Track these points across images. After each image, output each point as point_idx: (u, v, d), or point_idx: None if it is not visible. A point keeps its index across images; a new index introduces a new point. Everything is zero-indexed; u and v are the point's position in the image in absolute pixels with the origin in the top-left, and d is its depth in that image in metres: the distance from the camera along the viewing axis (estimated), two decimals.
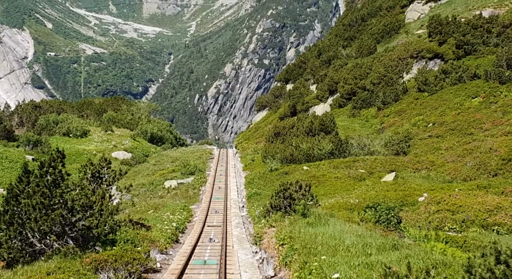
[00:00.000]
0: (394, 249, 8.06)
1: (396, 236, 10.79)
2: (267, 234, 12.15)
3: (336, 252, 8.03)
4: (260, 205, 21.05)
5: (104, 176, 14.22)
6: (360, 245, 8.25)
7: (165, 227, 15.05)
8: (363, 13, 56.49)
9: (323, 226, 10.39)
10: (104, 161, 14.15)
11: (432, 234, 13.50)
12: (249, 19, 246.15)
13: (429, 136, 29.16)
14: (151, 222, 17.06)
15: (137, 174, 42.65)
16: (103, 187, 13.44)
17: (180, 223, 17.59)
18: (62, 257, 9.49)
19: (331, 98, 46.48)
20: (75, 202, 10.53)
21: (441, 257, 7.75)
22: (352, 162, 26.85)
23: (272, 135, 34.76)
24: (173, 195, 29.03)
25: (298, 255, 8.33)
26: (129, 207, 28.57)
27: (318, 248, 8.33)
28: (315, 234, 9.35)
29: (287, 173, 26.90)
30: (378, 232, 10.93)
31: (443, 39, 38.37)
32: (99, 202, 12.21)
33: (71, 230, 10.45)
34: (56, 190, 9.56)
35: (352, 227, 10.52)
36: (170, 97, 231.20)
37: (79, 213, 10.58)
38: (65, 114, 54.32)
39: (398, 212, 13.88)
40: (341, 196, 21.96)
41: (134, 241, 11.89)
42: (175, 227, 16.12)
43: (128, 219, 13.54)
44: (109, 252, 9.80)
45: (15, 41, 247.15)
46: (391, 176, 23.24)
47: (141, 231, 13.72)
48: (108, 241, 11.17)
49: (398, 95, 38.49)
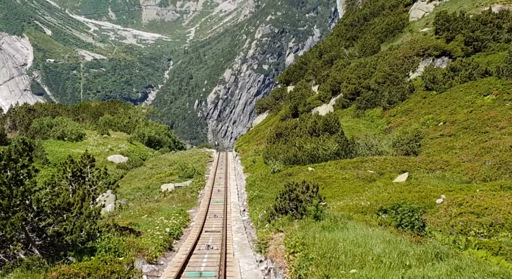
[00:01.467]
0: (437, 258, 6.41)
1: (428, 242, 9.08)
2: (273, 240, 10.43)
3: (364, 263, 6.37)
4: (263, 209, 19.34)
5: (87, 175, 12.50)
6: (394, 254, 6.58)
7: (156, 233, 13.32)
8: (365, 12, 55.13)
9: (341, 230, 8.71)
10: (86, 158, 12.45)
11: (462, 239, 11.81)
12: (248, 24, 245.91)
13: (441, 135, 27.51)
14: (142, 227, 15.32)
15: (133, 178, 41.05)
16: (83, 188, 11.72)
17: (175, 228, 15.85)
18: (24, 270, 7.76)
19: (334, 99, 44.89)
20: (44, 203, 8.78)
21: (498, 269, 6.07)
22: (360, 162, 25.17)
23: (274, 136, 33.10)
24: (170, 199, 27.34)
25: (315, 266, 6.65)
26: (123, 212, 26.87)
27: (340, 258, 6.67)
28: (334, 240, 7.67)
29: (291, 175, 25.19)
30: (406, 237, 9.23)
31: (451, 36, 36.88)
32: (78, 204, 10.50)
33: (39, 236, 8.71)
34: (17, 189, 7.84)
35: (376, 231, 8.83)
36: (170, 103, 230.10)
37: (50, 217, 8.83)
38: (60, 117, 52.71)
39: (421, 215, 12.15)
40: (350, 198, 20.29)
41: (118, 249, 10.15)
42: (169, 233, 14.39)
43: (113, 224, 11.79)
44: (83, 263, 8.06)
45: (14, 48, 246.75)
46: (404, 176, 21.55)
47: (129, 237, 11.98)
48: (86, 250, 9.44)
49: (404, 94, 36.91)
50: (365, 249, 6.94)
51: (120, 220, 20.83)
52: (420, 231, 11.80)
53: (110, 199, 31.33)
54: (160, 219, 16.89)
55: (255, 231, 16.67)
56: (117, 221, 18.58)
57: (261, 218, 17.25)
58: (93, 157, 12.69)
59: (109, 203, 30.69)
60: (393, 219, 11.91)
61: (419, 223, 11.63)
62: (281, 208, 16.43)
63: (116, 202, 31.34)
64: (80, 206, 10.49)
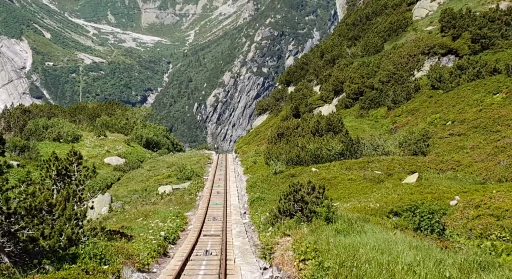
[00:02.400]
0: (481, 269, 5.32)
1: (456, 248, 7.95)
2: (279, 245, 9.30)
3: (393, 275, 5.27)
4: (265, 211, 18.20)
5: (74, 174, 11.37)
6: (429, 263, 5.47)
7: (150, 237, 12.15)
8: (368, 11, 54.21)
9: (358, 234, 7.61)
10: (73, 155, 11.32)
11: (487, 244, 10.68)
12: (247, 27, 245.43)
13: (450, 134, 26.42)
14: (135, 231, 14.16)
15: (130, 181, 39.96)
16: (67, 188, 10.57)
17: (171, 232, 14.70)
18: None
19: (336, 99, 43.82)
20: (18, 204, 7.64)
21: None
22: (366, 163, 24.06)
23: (275, 136, 31.99)
24: (167, 201, 26.20)
25: (333, 277, 5.53)
26: (118, 215, 25.76)
27: (363, 268, 5.56)
28: (353, 246, 6.56)
29: (294, 176, 24.07)
30: (432, 242, 8.10)
31: (457, 34, 35.88)
32: (60, 206, 9.36)
33: (10, 241, 7.54)
34: None
35: (398, 235, 7.71)
36: (169, 106, 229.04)
37: (23, 219, 7.67)
38: (56, 118, 51.58)
39: (441, 217, 11.02)
40: (357, 200, 19.19)
41: (105, 255, 9.00)
42: (164, 237, 13.22)
43: (100, 227, 10.63)
44: (60, 273, 6.91)
45: (13, 51, 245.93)
46: (414, 177, 20.43)
47: (118, 242, 10.82)
48: (67, 257, 8.28)
49: (410, 93, 35.84)
50: (392, 257, 5.84)
51: (114, 224, 19.66)
52: (440, 235, 10.66)
53: (106, 202, 30.19)
54: (156, 222, 15.74)
55: (257, 235, 15.53)
56: (110, 225, 17.41)
57: (263, 221, 16.11)
58: (80, 154, 11.56)
59: (104, 206, 29.53)
60: (410, 221, 10.76)
61: (439, 226, 10.49)
62: (285, 210, 15.29)
63: (112, 205, 30.23)
64: (63, 208, 9.35)
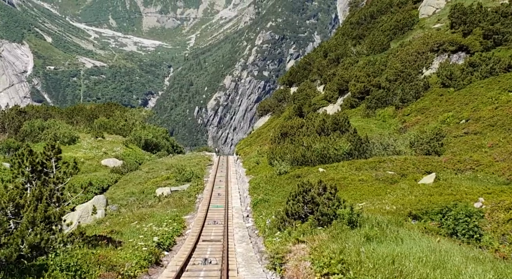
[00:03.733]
0: None
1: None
2: (292, 254, 7.75)
3: None
4: (270, 214, 16.64)
5: (52, 170, 9.84)
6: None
7: (140, 244, 10.57)
8: (372, 10, 52.83)
9: (394, 241, 6.08)
10: (50, 149, 9.79)
11: None
12: (248, 31, 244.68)
13: (465, 133, 24.89)
14: (125, 236, 12.60)
15: (128, 183, 38.47)
16: (42, 187, 9.03)
17: (166, 237, 13.13)
18: None
19: (341, 98, 42.31)
20: None
21: None
22: (377, 162, 22.52)
23: (278, 136, 30.46)
24: (165, 203, 24.66)
25: None
26: (112, 218, 24.25)
27: None
28: (392, 257, 5.03)
29: (300, 176, 22.52)
30: (483, 250, 6.56)
31: (468, 30, 34.43)
32: (31, 207, 7.82)
33: None
34: None
35: (443, 243, 6.17)
36: (170, 110, 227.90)
37: None
38: (52, 119, 50.13)
39: (478, 221, 9.46)
40: (371, 202, 17.64)
41: (81, 267, 7.43)
42: (157, 243, 11.65)
43: (79, 232, 9.07)
44: None
45: (14, 55, 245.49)
46: (431, 178, 18.87)
47: (103, 250, 9.26)
48: (32, 269, 6.71)
49: (419, 91, 34.34)
50: (452, 274, 4.30)
51: (106, 228, 18.11)
52: (477, 242, 9.09)
53: (101, 204, 28.68)
54: (149, 226, 14.18)
55: (262, 241, 13.95)
56: (99, 229, 15.85)
57: (269, 224, 14.54)
58: (59, 148, 10.02)
59: (99, 209, 28.06)
60: (442, 226, 9.19)
61: (478, 231, 8.92)
62: (293, 212, 13.73)
63: (107, 208, 28.77)
64: (34, 209, 7.80)
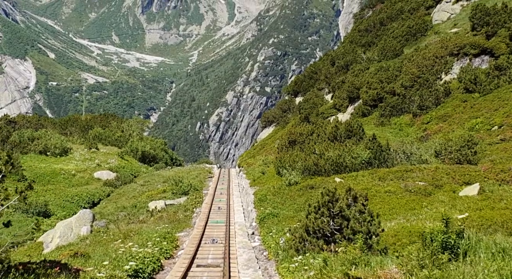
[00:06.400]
0: None
1: None
2: None
3: None
4: (282, 231, 13.44)
5: None
6: None
7: (99, 275, 7.33)
8: (382, 17, 50.63)
9: None
10: None
11: None
12: (250, 47, 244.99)
13: (502, 140, 21.88)
14: (93, 261, 9.38)
15: (121, 197, 35.37)
16: None
17: (149, 262, 9.92)
18: None
19: (351, 107, 39.45)
20: None
21: None
22: (403, 172, 19.42)
23: (286, 144, 27.43)
24: (157, 218, 21.47)
25: None
26: (98, 236, 21.09)
27: None
28: None
29: (313, 187, 19.39)
30: None
31: (492, 31, 31.83)
32: None
33: None
34: None
35: None
36: (172, 125, 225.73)
37: None
38: (44, 130, 47.31)
39: None
40: (404, 218, 14.50)
41: None
42: (133, 271, 8.42)
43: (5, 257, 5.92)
44: None
45: (17, 71, 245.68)
46: (474, 189, 15.75)
47: None
48: None
49: (439, 98, 31.49)
50: None
51: (71, 250, 14.93)
52: None
53: (86, 220, 25.51)
54: (128, 247, 10.95)
55: (275, 267, 10.73)
56: (64, 251, 12.68)
57: (282, 245, 11.34)
58: None
59: (84, 225, 24.93)
60: None
61: None
62: (316, 229, 10.54)
63: (94, 224, 25.59)
64: None
